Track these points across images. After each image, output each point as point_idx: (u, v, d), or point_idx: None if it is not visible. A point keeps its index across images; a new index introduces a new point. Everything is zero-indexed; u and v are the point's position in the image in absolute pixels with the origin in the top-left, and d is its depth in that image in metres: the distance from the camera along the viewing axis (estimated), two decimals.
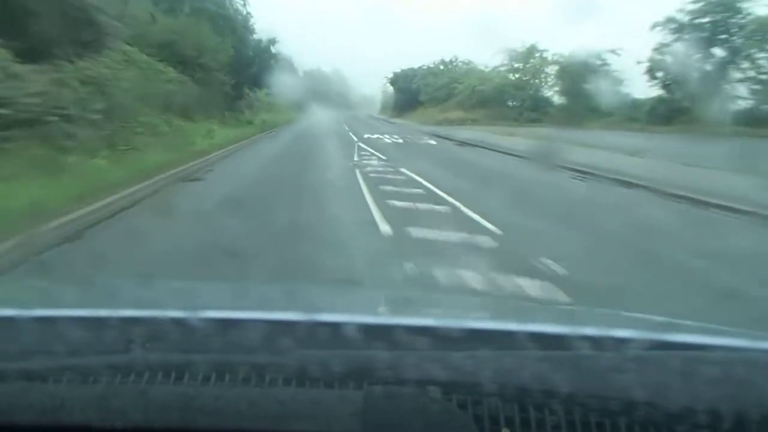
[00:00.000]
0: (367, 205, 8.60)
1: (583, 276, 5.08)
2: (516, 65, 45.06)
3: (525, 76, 43.66)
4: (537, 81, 42.76)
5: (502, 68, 46.67)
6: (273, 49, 37.51)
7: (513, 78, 44.55)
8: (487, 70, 48.92)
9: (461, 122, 42.07)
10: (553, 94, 40.59)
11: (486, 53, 67.38)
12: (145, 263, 5.27)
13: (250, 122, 34.32)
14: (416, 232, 6.76)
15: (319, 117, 45.50)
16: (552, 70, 42.39)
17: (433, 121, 44.47)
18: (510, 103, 44.95)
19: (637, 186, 11.59)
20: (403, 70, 66.60)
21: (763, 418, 0.78)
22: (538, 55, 43.67)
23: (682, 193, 10.35)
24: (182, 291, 1.75)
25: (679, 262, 5.90)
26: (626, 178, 12.28)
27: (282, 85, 54.31)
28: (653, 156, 16.77)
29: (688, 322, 1.46)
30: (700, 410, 0.77)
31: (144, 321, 1.06)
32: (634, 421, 0.79)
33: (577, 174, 13.73)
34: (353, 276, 4.95)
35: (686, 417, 0.77)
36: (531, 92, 40.71)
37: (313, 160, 16.00)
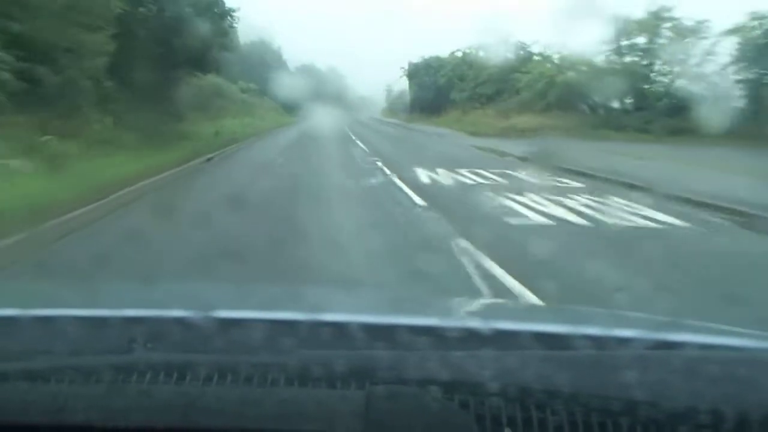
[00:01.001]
0: None
1: None
2: (625, 42, 28.21)
3: (648, 60, 26.91)
4: (676, 68, 25.91)
5: (604, 48, 29.21)
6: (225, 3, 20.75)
7: (626, 62, 27.67)
8: (565, 54, 32.19)
9: (534, 132, 25.90)
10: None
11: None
12: None
13: (184, 136, 17.81)
14: None
15: (315, 121, 31.97)
16: (696, 47, 25.60)
17: (491, 130, 28.39)
18: (615, 104, 28.41)
19: None
20: (425, 60, 50.04)
21: (765, 418, 0.77)
22: (669, 25, 26.90)
23: None
24: (183, 291, 1.75)
25: None
26: None
27: (269, 80, 41.88)
28: None
29: (691, 322, 1.40)
30: (702, 410, 0.77)
31: (145, 321, 1.07)
32: (636, 421, 0.78)
33: None
34: None
35: (688, 417, 0.77)
36: (663, 86, 24.30)
37: None
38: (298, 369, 0.84)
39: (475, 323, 1.20)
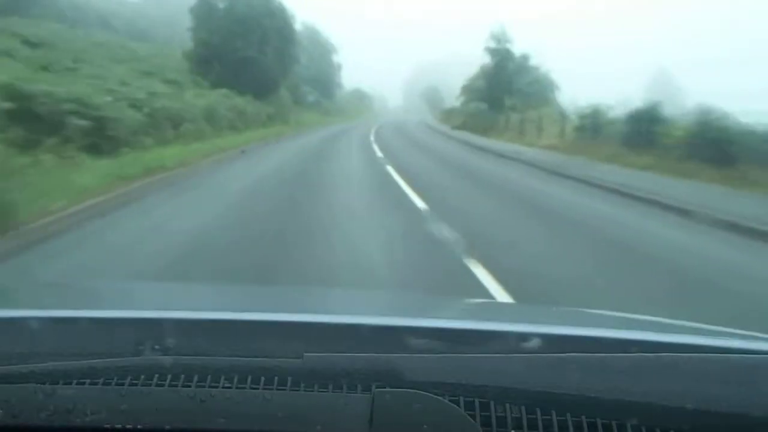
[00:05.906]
0: None
1: None
2: None
3: None
4: None
5: None
6: None
7: None
8: None
9: None
10: None
11: None
12: None
13: None
14: None
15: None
16: None
17: None
18: None
19: None
20: None
21: (766, 420, 0.77)
22: None
23: None
24: (192, 293, 1.76)
25: None
26: None
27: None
28: None
29: (695, 324, 1.39)
30: (704, 412, 0.78)
31: (153, 323, 1.06)
32: (640, 423, 0.79)
33: None
34: None
35: (691, 418, 0.78)
36: None
37: None
38: (303, 371, 0.84)
39: (480, 326, 1.21)
